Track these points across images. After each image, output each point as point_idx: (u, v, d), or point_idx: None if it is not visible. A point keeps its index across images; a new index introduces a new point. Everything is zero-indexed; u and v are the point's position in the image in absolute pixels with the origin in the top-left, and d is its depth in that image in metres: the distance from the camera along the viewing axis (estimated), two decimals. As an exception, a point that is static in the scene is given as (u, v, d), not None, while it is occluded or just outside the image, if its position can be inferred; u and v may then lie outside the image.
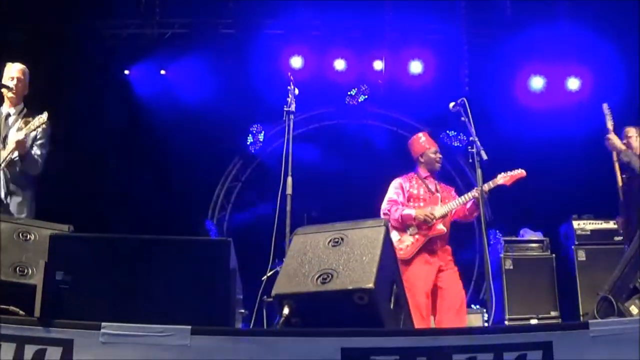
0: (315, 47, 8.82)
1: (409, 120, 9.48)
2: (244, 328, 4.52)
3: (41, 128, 5.11)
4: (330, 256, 3.13)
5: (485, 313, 6.72)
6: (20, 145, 5.01)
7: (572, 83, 8.70)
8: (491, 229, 7.83)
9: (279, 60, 8.74)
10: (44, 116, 4.99)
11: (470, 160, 5.06)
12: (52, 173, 5.49)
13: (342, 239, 3.21)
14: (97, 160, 8.08)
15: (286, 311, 2.97)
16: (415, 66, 8.84)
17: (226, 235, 9.10)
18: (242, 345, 2.81)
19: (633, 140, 6.05)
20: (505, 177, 5.34)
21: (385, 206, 5.39)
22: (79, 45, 8.21)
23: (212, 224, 8.93)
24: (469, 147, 5.07)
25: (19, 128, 5.08)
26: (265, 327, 5.61)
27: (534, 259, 7.27)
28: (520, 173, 5.38)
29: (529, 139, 8.20)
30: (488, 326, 5.93)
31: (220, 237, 8.09)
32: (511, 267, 7.18)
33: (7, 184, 5.09)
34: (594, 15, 8.24)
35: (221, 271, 3.17)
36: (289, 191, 4.95)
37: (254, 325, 5.37)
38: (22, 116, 5.23)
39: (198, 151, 8.62)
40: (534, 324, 6.26)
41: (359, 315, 2.92)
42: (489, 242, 7.16)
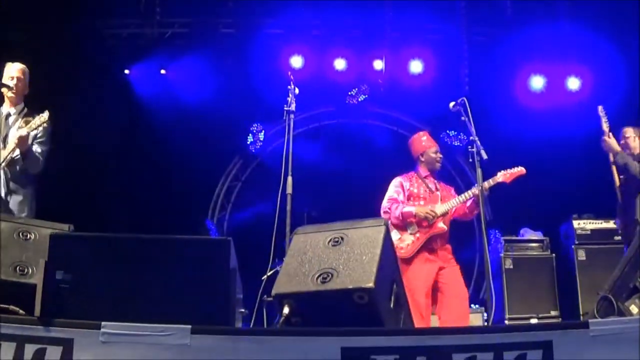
0: (315, 47, 8.82)
1: (409, 119, 9.47)
2: (244, 327, 4.51)
3: (42, 127, 5.11)
4: (330, 256, 3.13)
5: (485, 312, 6.72)
6: (22, 141, 5.00)
7: (572, 83, 8.70)
8: (491, 229, 7.83)
9: (279, 59, 8.74)
10: (45, 115, 4.99)
11: (470, 159, 5.06)
12: (53, 172, 5.49)
13: (342, 239, 3.21)
14: (97, 159, 8.08)
15: (286, 310, 2.98)
16: (415, 66, 8.84)
17: (226, 234, 9.10)
18: (242, 344, 2.81)
19: (631, 140, 6.04)
20: (505, 175, 5.35)
21: (385, 204, 5.39)
22: (79, 45, 8.20)
23: (212, 224, 8.93)
24: (469, 147, 5.07)
25: (20, 127, 5.08)
26: (265, 327, 5.61)
27: (534, 259, 7.27)
28: (520, 170, 5.39)
29: (529, 139, 8.20)
30: (488, 325, 5.92)
31: (220, 237, 8.08)
32: (511, 267, 7.18)
33: (8, 183, 5.10)
34: (594, 14, 8.23)
35: (221, 270, 3.18)
36: (289, 191, 4.95)
37: (254, 324, 5.37)
38: (23, 116, 5.23)
39: (198, 151, 8.61)
40: (534, 324, 6.25)
41: (359, 314, 2.92)
42: (489, 242, 7.16)
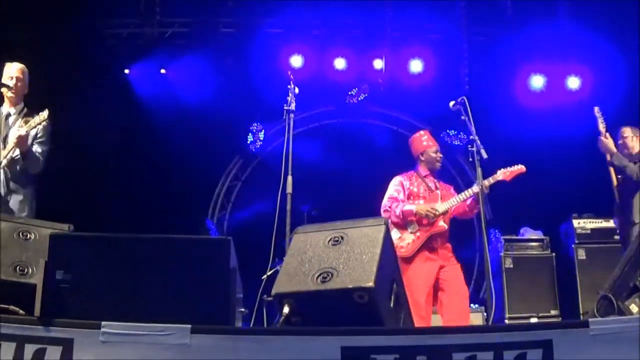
0: (315, 46, 8.82)
1: (409, 119, 9.47)
2: (244, 327, 4.52)
3: (42, 126, 5.11)
4: (330, 255, 3.13)
5: (485, 312, 6.72)
6: (21, 140, 5.00)
7: (572, 82, 8.69)
8: (491, 228, 7.83)
9: (279, 59, 8.74)
10: (45, 113, 4.99)
11: (470, 159, 5.07)
12: (53, 172, 5.49)
13: (342, 238, 3.21)
14: (97, 159, 8.08)
15: (286, 310, 2.98)
16: (415, 65, 8.84)
17: (226, 234, 9.10)
18: (242, 344, 2.81)
19: (629, 140, 6.05)
20: (505, 173, 5.35)
21: (385, 203, 5.39)
22: (79, 44, 8.20)
23: (212, 223, 8.93)
24: (469, 146, 5.07)
25: (20, 127, 5.08)
26: (265, 326, 5.61)
27: (534, 258, 7.27)
28: (520, 168, 5.39)
29: (529, 138, 8.19)
30: (488, 325, 5.92)
31: (220, 236, 8.08)
32: (511, 266, 7.18)
33: (7, 183, 5.10)
34: (594, 14, 8.23)
35: (221, 270, 3.18)
36: (289, 190, 4.95)
37: (254, 324, 5.37)
38: (23, 116, 5.23)
39: (198, 150, 8.62)
40: (534, 323, 6.26)
41: (359, 314, 2.92)
42: (489, 241, 7.16)
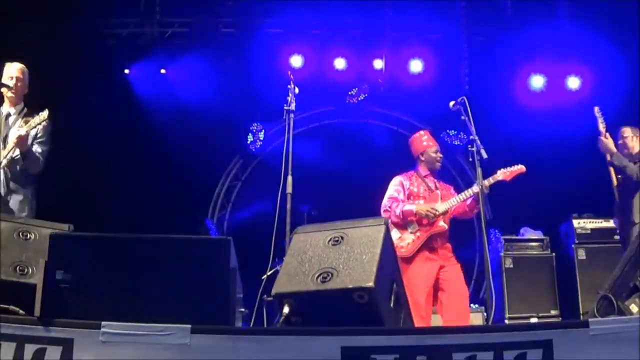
0: (315, 46, 8.82)
1: (409, 119, 9.47)
2: (244, 327, 4.52)
3: (42, 126, 5.11)
4: (330, 255, 3.13)
5: (485, 312, 6.72)
6: (21, 140, 5.00)
7: (572, 82, 8.68)
8: (491, 228, 7.83)
9: (279, 59, 8.73)
10: (45, 113, 4.99)
11: (470, 159, 5.07)
12: (53, 172, 5.50)
13: (342, 238, 3.21)
14: (97, 159, 8.08)
15: (286, 310, 2.98)
16: (415, 65, 8.83)
17: (226, 234, 9.10)
18: (242, 344, 2.81)
19: (629, 140, 6.06)
20: (505, 173, 5.35)
21: (385, 203, 5.39)
22: (79, 44, 8.21)
23: (212, 223, 8.92)
24: (469, 146, 5.07)
25: (20, 127, 5.08)
26: (265, 326, 5.61)
27: (534, 258, 7.27)
28: (520, 168, 5.39)
29: (529, 138, 8.19)
30: (488, 325, 5.92)
31: (220, 236, 8.08)
32: (511, 266, 7.18)
33: (7, 183, 5.10)
34: (594, 13, 8.23)
35: (221, 270, 3.18)
36: (289, 190, 4.95)
37: (254, 324, 5.37)
38: (23, 116, 5.23)
39: (198, 150, 8.62)
40: (534, 323, 6.26)
41: (359, 314, 2.93)
42: (489, 241, 7.16)
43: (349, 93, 9.25)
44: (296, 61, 8.67)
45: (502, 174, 5.34)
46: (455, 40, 8.83)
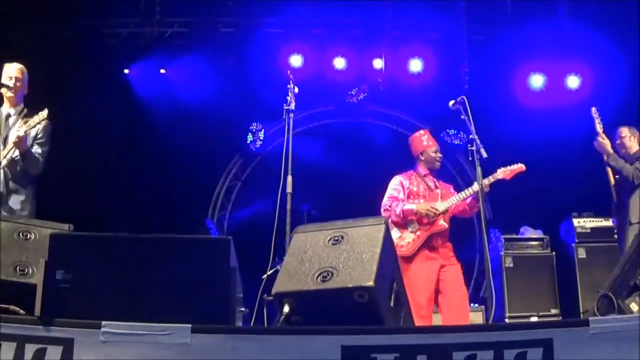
0: (314, 46, 8.81)
1: (409, 118, 9.47)
2: (245, 326, 4.52)
3: (42, 126, 5.11)
4: (330, 254, 3.13)
5: (485, 311, 6.72)
6: (20, 141, 5.00)
7: (572, 81, 8.67)
8: (491, 228, 7.83)
9: (279, 58, 8.73)
10: (44, 113, 4.99)
11: (470, 158, 5.07)
12: (53, 172, 5.50)
13: (342, 237, 3.21)
14: (97, 159, 8.08)
15: (286, 309, 2.98)
16: (415, 64, 8.82)
17: (226, 233, 9.09)
18: (243, 343, 2.81)
19: (627, 140, 6.08)
20: (505, 172, 5.35)
21: (385, 202, 5.40)
22: (79, 44, 8.21)
23: (212, 223, 8.92)
24: (469, 145, 5.07)
25: (19, 128, 5.08)
26: (265, 326, 5.61)
27: (534, 257, 7.27)
28: (519, 167, 5.39)
29: (529, 137, 8.19)
30: (488, 324, 5.93)
31: (220, 236, 8.08)
32: (511, 265, 7.18)
33: (7, 183, 5.10)
34: (594, 12, 8.23)
35: (221, 270, 3.18)
36: (289, 190, 4.95)
37: (255, 323, 5.37)
38: (23, 116, 5.23)
39: (198, 150, 8.62)
40: (535, 322, 6.26)
41: (359, 313, 2.92)
42: (489, 240, 7.16)
43: (349, 92, 9.25)
44: (296, 61, 8.67)
45: (502, 173, 5.34)
46: (455, 39, 8.83)
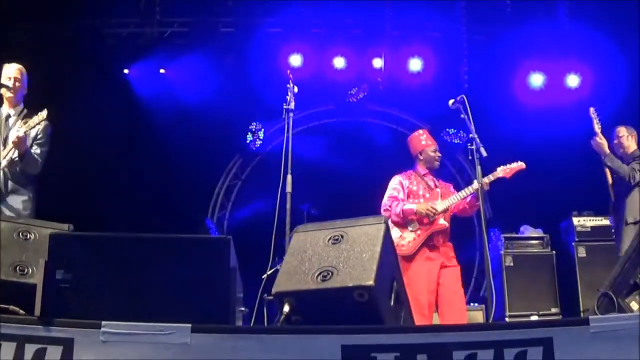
0: (314, 45, 8.80)
1: (409, 117, 9.47)
2: (245, 326, 4.52)
3: (41, 126, 5.11)
4: (330, 254, 3.13)
5: (485, 310, 6.72)
6: (19, 141, 5.00)
7: (572, 80, 8.67)
8: (491, 228, 7.83)
9: (279, 58, 8.73)
10: (43, 113, 4.98)
11: (470, 157, 5.07)
12: (53, 172, 5.50)
13: (342, 237, 3.21)
14: (97, 159, 8.08)
15: (286, 309, 2.98)
16: (414, 64, 8.81)
17: (226, 233, 9.09)
18: (243, 343, 2.81)
19: (624, 139, 6.09)
20: (505, 170, 5.36)
21: (385, 202, 5.40)
22: (79, 44, 8.21)
23: (212, 223, 8.92)
24: (469, 145, 5.07)
25: (19, 129, 5.07)
26: (265, 325, 5.61)
27: (535, 256, 7.27)
28: (519, 165, 5.40)
29: (529, 136, 8.18)
30: (488, 322, 5.93)
31: (220, 236, 8.08)
32: (511, 264, 7.18)
33: (7, 183, 5.10)
34: (594, 11, 8.22)
35: (221, 269, 3.18)
36: (289, 189, 4.95)
37: (255, 323, 5.37)
38: (22, 117, 5.23)
39: (198, 149, 8.62)
40: (535, 321, 6.26)
41: (359, 312, 2.92)
42: (489, 240, 7.16)
43: (349, 92, 9.24)
44: (295, 60, 8.66)
45: (502, 171, 5.34)
46: (454, 38, 8.82)
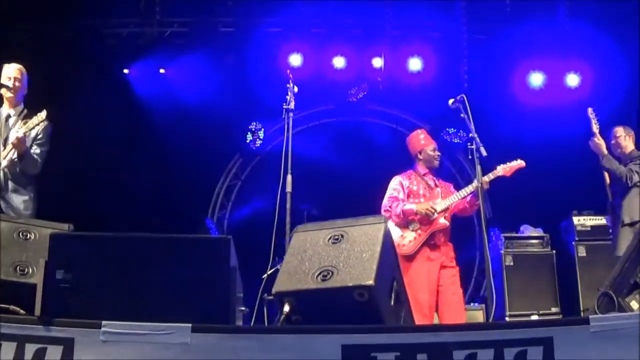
0: (314, 45, 8.80)
1: (409, 117, 9.46)
2: (245, 326, 4.52)
3: (41, 127, 5.11)
4: (330, 253, 3.13)
5: (485, 309, 6.72)
6: (19, 142, 5.00)
7: (572, 79, 8.66)
8: (491, 227, 7.82)
9: (279, 58, 8.72)
10: (43, 114, 4.98)
11: (469, 156, 5.07)
12: (53, 172, 5.49)
13: (342, 236, 3.21)
14: (97, 159, 8.08)
15: (287, 309, 2.98)
16: (414, 63, 8.81)
17: (226, 233, 9.09)
18: (243, 342, 2.81)
19: (621, 140, 6.10)
20: (505, 168, 5.36)
21: (385, 202, 5.40)
22: (79, 44, 8.21)
23: (212, 222, 8.91)
24: (469, 144, 5.08)
25: (19, 129, 5.07)
26: (266, 325, 5.61)
27: (535, 255, 7.27)
28: (519, 164, 5.40)
29: (529, 136, 8.17)
30: (488, 322, 5.93)
31: (220, 235, 8.08)
32: (511, 264, 7.18)
33: (7, 183, 5.10)
34: (594, 11, 8.22)
35: (221, 269, 3.18)
36: (289, 189, 4.95)
37: (255, 323, 5.37)
38: (22, 117, 5.23)
39: (198, 149, 8.62)
40: (535, 320, 6.26)
41: (359, 312, 2.92)
42: (489, 239, 7.15)
43: (349, 91, 9.24)
44: (295, 60, 8.66)
45: (502, 170, 5.35)
46: (454, 38, 8.82)
